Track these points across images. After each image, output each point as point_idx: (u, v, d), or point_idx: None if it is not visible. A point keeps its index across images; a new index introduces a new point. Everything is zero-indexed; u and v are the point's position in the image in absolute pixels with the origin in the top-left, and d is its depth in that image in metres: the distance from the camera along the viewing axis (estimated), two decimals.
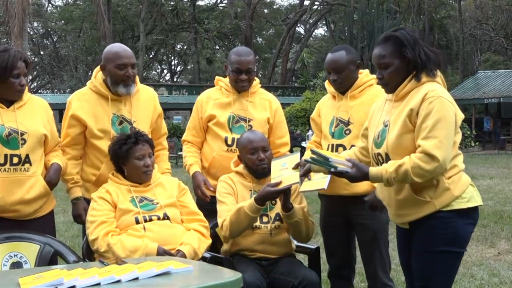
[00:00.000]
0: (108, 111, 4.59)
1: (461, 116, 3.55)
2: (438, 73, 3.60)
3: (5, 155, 4.19)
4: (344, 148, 4.44)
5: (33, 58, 47.98)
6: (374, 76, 4.48)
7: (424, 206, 3.48)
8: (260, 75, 50.73)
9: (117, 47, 4.66)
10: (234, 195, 4.46)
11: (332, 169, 3.50)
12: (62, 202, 9.96)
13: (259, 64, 52.88)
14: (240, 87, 4.87)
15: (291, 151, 4.94)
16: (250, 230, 4.38)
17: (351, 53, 4.57)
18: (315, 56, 51.14)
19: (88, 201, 4.54)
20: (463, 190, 3.50)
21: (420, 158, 3.34)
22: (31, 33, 49.02)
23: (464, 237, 3.55)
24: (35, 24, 51.34)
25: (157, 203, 4.22)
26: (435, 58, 3.54)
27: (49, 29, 52.05)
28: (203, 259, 4.24)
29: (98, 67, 4.68)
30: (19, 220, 4.29)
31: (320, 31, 57.91)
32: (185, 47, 54.86)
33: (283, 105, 4.86)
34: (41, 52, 52.81)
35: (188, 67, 58.63)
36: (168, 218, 4.18)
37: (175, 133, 29.27)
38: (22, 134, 4.23)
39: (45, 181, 4.31)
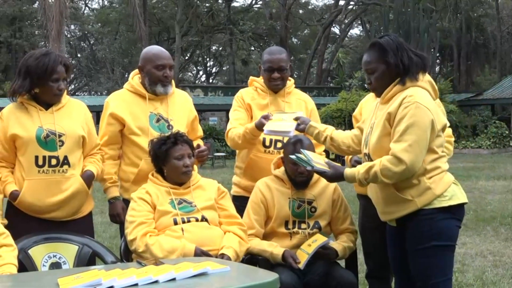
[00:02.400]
0: (145, 109, 4.62)
1: (442, 121, 3.73)
2: (427, 77, 3.78)
3: (44, 157, 4.24)
4: None
5: (70, 61, 48.46)
6: None
7: (407, 204, 3.68)
8: (296, 76, 50.62)
9: (156, 49, 4.73)
10: (267, 206, 4.47)
11: (309, 167, 3.79)
12: (99, 203, 10.05)
13: (294, 65, 52.77)
14: (274, 85, 4.86)
15: (325, 151, 4.90)
16: (288, 235, 4.38)
17: None
18: (350, 56, 50.89)
19: (127, 201, 4.56)
20: (444, 189, 3.68)
21: (389, 161, 3.56)
22: (69, 36, 49.56)
23: (449, 231, 3.73)
24: (73, 27, 51.86)
25: (195, 206, 4.23)
26: (419, 62, 3.72)
27: (86, 32, 52.55)
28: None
29: (135, 70, 4.74)
30: (58, 221, 4.33)
31: (356, 31, 57.66)
32: (220, 49, 54.97)
33: (319, 106, 4.85)
34: (78, 55, 53.33)
35: (223, 68, 58.76)
36: (206, 220, 4.18)
37: (211, 134, 29.31)
38: (60, 136, 4.27)
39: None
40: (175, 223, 4.13)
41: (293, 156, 3.93)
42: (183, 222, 4.13)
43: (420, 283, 3.73)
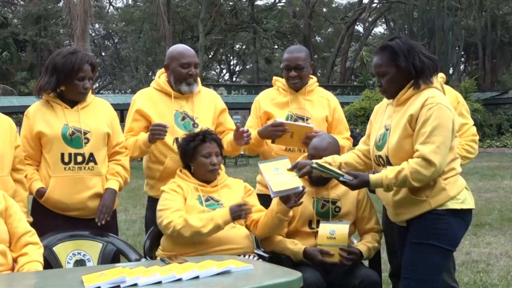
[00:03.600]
0: (171, 107, 4.66)
1: (458, 121, 3.74)
2: (437, 79, 3.76)
3: (69, 154, 4.28)
4: None
5: (96, 60, 48.73)
6: (441, 75, 4.47)
7: (420, 204, 3.67)
8: (319, 74, 50.52)
9: (181, 47, 4.78)
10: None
11: (341, 178, 3.73)
12: (123, 201, 10.11)
13: (318, 63, 52.66)
14: (292, 84, 4.88)
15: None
16: (312, 234, 4.37)
17: None
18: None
19: (152, 199, 4.61)
20: (458, 192, 3.69)
21: (418, 163, 3.54)
22: (93, 34, 49.80)
23: (454, 236, 3.72)
24: (97, 25, 52.11)
25: (222, 204, 4.26)
26: (432, 64, 3.70)
27: (110, 31, 52.78)
28: (263, 258, 4.25)
29: (162, 69, 4.78)
30: (83, 219, 4.36)
31: (380, 29, 57.36)
32: (243, 47, 54.97)
33: (342, 104, 4.84)
34: (103, 53, 53.58)
35: (247, 66, 58.74)
36: None
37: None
38: (85, 133, 4.30)
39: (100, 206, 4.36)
40: None
41: (315, 165, 3.87)
42: None
43: (405, 275, 3.72)
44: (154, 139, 4.46)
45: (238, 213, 4.08)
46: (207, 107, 4.78)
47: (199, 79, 4.80)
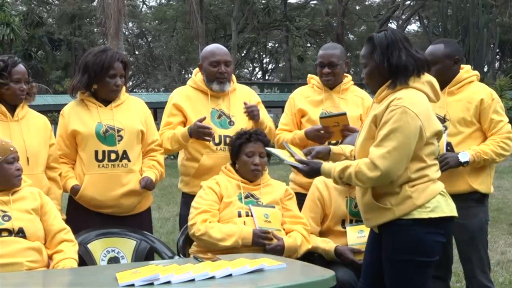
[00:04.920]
0: (207, 105, 4.68)
1: (434, 128, 3.44)
2: (427, 77, 3.50)
3: (103, 152, 4.32)
4: None
5: (128, 58, 49.01)
6: (475, 72, 4.43)
7: (384, 212, 3.46)
8: (352, 72, 50.23)
9: (213, 46, 4.83)
10: (323, 204, 4.45)
11: (285, 162, 3.70)
12: (156, 199, 10.16)
13: (351, 62, 52.38)
14: (325, 81, 4.87)
15: None
16: (345, 233, 4.36)
17: (450, 47, 4.47)
18: None
19: (187, 195, 4.67)
20: (427, 200, 3.41)
21: (365, 164, 3.37)
22: (126, 33, 50.09)
23: (427, 246, 3.45)
24: (130, 24, 52.40)
25: (261, 202, 4.29)
26: (411, 63, 3.43)
27: (144, 29, 53.04)
28: None
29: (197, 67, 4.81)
30: (117, 216, 4.39)
31: (413, 27, 56.93)
32: (276, 45, 54.88)
33: None
34: (136, 52, 53.86)
35: (279, 65, 58.62)
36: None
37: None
38: (118, 131, 4.34)
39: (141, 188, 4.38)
40: (239, 215, 4.20)
41: (268, 148, 3.98)
42: (247, 215, 4.20)
43: None
44: (199, 137, 4.49)
45: (260, 241, 4.09)
46: (243, 104, 4.77)
47: (233, 77, 4.81)
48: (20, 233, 3.62)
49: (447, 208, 3.48)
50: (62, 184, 4.37)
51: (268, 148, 4.06)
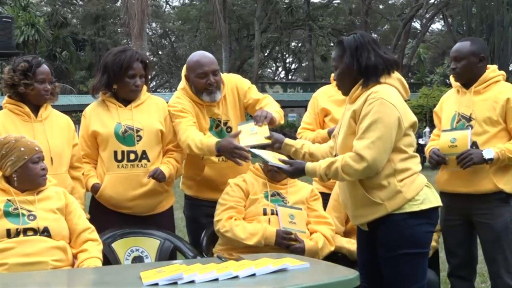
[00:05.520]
0: (205, 117, 4.56)
1: (410, 119, 3.56)
2: (397, 75, 3.63)
3: (122, 152, 4.33)
4: None
5: (151, 58, 49.26)
6: (502, 72, 4.40)
7: (376, 208, 3.53)
8: None
9: (197, 55, 4.58)
10: None
11: (269, 163, 3.80)
12: (180, 199, 10.16)
13: None
14: None
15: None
16: None
17: (476, 45, 4.44)
18: (431, 51, 50.01)
19: (190, 197, 4.69)
20: (416, 193, 3.52)
21: (351, 157, 3.44)
22: (150, 33, 50.30)
23: (421, 238, 3.57)
24: (154, 24, 52.64)
25: (288, 202, 4.31)
26: (381, 63, 3.55)
27: (167, 29, 53.25)
28: None
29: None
30: (139, 216, 4.41)
31: (437, 25, 56.54)
32: (299, 45, 54.85)
33: None
34: (160, 52, 54.09)
35: (302, 64, 58.57)
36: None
37: (290, 131, 29.27)
38: (137, 131, 4.34)
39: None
40: (264, 213, 4.24)
41: (252, 150, 3.97)
42: (272, 213, 4.23)
43: None
44: (231, 157, 4.23)
45: (283, 241, 4.12)
46: (234, 106, 4.65)
47: (225, 78, 4.64)
48: (45, 232, 3.64)
49: (434, 199, 3.61)
50: (84, 183, 4.39)
51: (252, 150, 4.01)
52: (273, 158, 3.82)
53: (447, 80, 26.85)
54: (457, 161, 4.27)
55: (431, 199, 3.58)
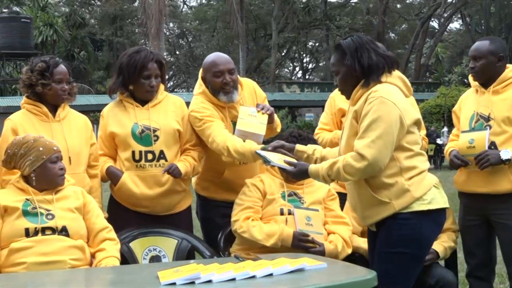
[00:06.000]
0: (227, 119, 4.51)
1: (412, 116, 3.54)
2: (397, 73, 3.62)
3: (140, 152, 4.33)
4: None
5: (169, 58, 49.42)
6: None
7: (384, 207, 3.51)
8: None
9: (213, 56, 4.58)
10: None
11: (271, 163, 3.79)
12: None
13: None
14: None
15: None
16: None
17: (495, 44, 4.40)
18: (450, 50, 49.83)
19: (204, 198, 4.69)
20: (424, 192, 3.50)
21: (352, 157, 3.44)
22: (167, 33, 50.46)
23: (424, 240, 3.56)
24: (171, 24, 52.80)
25: (304, 202, 4.30)
26: (382, 62, 3.55)
27: (184, 30, 53.40)
28: None
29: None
30: (157, 215, 4.41)
31: (455, 25, 56.30)
32: (316, 44, 54.82)
33: (417, 101, 4.77)
34: (177, 52, 54.24)
35: (320, 64, 58.50)
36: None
37: (307, 131, 29.22)
38: (154, 131, 4.34)
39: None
40: (281, 213, 4.22)
41: (258, 151, 3.95)
42: (289, 213, 4.21)
43: (380, 285, 3.44)
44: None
45: (300, 244, 4.09)
46: (253, 103, 4.59)
47: (241, 81, 4.62)
48: (64, 231, 3.66)
49: (442, 200, 3.58)
50: (101, 175, 4.41)
51: (258, 151, 3.99)
52: (279, 160, 3.80)
53: (465, 80, 26.70)
54: (475, 162, 4.25)
55: (439, 200, 3.56)
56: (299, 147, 3.98)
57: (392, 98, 3.46)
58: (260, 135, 4.30)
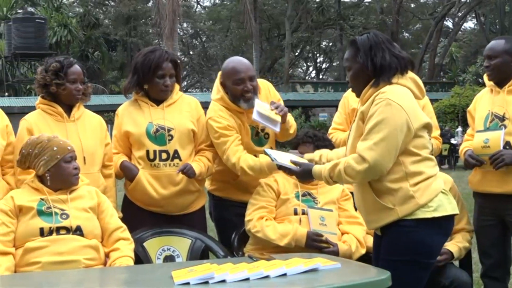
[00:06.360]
0: (245, 124, 4.50)
1: (420, 120, 3.42)
2: (410, 74, 3.52)
3: (154, 151, 4.33)
4: None
5: (183, 58, 49.48)
6: None
7: (387, 213, 3.40)
8: None
9: (233, 62, 4.52)
10: None
11: (276, 162, 3.77)
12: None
13: None
14: None
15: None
16: None
17: (511, 44, 4.37)
18: (464, 50, 49.63)
19: (218, 198, 4.68)
20: (430, 199, 3.37)
21: (353, 159, 3.36)
22: (181, 34, 50.54)
23: (430, 248, 3.42)
24: (185, 25, 52.88)
25: (318, 202, 4.30)
26: (395, 63, 3.45)
27: (198, 30, 53.46)
28: None
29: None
30: (170, 215, 4.42)
31: (470, 24, 56.07)
32: (330, 44, 54.76)
33: (431, 101, 4.75)
34: (191, 52, 54.33)
35: (333, 64, 58.42)
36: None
37: (321, 131, 29.21)
38: (169, 130, 4.34)
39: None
40: (295, 213, 4.22)
41: (266, 150, 3.95)
42: (303, 213, 4.21)
43: None
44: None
45: (314, 244, 4.08)
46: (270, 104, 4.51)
47: (262, 84, 4.59)
48: (78, 231, 3.67)
49: (450, 207, 3.45)
50: (115, 170, 4.42)
51: (265, 150, 3.99)
52: (285, 159, 3.79)
53: (480, 79, 26.60)
54: (489, 162, 4.23)
55: (446, 207, 3.42)
56: (307, 155, 3.95)
57: (400, 100, 3.35)
58: (277, 121, 4.28)
